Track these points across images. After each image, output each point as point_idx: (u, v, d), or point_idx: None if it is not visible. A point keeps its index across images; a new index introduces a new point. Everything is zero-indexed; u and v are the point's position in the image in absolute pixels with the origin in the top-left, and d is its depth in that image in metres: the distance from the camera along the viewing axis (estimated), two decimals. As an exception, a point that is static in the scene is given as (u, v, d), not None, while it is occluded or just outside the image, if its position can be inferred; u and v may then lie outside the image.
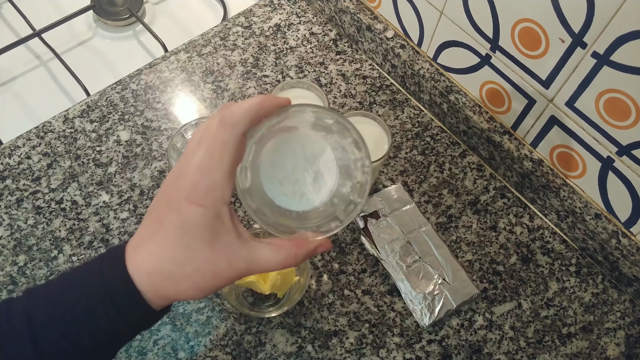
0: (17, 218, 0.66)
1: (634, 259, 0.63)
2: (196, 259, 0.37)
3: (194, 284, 0.37)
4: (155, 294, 0.37)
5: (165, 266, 0.37)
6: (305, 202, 0.42)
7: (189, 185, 0.36)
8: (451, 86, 0.73)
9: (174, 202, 0.37)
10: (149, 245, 0.37)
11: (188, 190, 0.36)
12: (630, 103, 0.54)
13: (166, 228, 0.37)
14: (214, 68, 0.80)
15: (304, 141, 0.42)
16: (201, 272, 0.37)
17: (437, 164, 0.74)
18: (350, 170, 0.42)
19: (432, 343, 0.62)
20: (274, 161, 0.42)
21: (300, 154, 0.42)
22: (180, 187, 0.37)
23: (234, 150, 0.37)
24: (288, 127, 0.42)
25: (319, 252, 0.41)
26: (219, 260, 0.37)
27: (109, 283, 0.37)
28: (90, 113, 0.75)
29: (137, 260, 0.37)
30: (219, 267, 0.37)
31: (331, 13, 0.84)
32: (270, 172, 0.42)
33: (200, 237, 0.36)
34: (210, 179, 0.36)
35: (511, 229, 0.70)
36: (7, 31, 0.86)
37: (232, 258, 0.38)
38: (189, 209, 0.36)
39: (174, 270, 0.37)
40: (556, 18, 0.55)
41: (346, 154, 0.42)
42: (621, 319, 0.65)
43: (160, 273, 0.37)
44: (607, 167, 0.61)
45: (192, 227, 0.36)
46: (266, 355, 0.60)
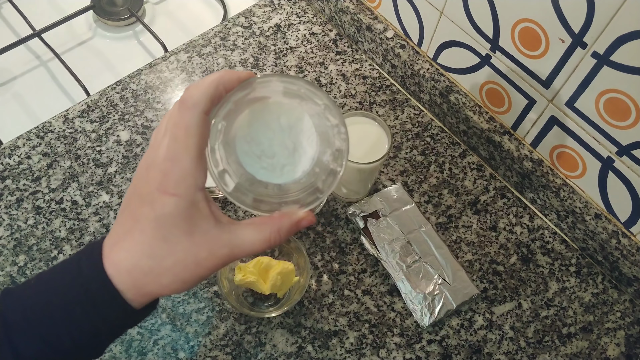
0: (17, 218, 0.66)
1: (634, 259, 0.63)
2: (175, 251, 0.35)
3: (175, 277, 0.36)
4: (137, 291, 0.36)
5: (144, 262, 0.35)
6: (287, 173, 0.40)
7: (159, 175, 0.35)
8: (451, 86, 0.73)
9: (146, 195, 0.35)
10: (126, 243, 0.36)
11: (159, 181, 0.35)
12: (630, 103, 0.54)
13: (141, 223, 0.35)
14: (214, 68, 0.80)
15: (278, 111, 0.40)
16: (182, 264, 0.35)
17: (437, 164, 0.74)
18: (329, 137, 0.40)
19: (432, 343, 0.62)
20: (248, 136, 0.40)
21: (276, 125, 0.40)
22: (151, 178, 0.35)
23: (199, 132, 0.35)
24: (258, 97, 0.39)
25: (304, 226, 0.39)
26: (200, 249, 0.36)
27: (87, 284, 0.35)
28: (90, 113, 0.75)
29: (114, 258, 0.36)
30: (200, 256, 0.36)
31: (331, 13, 0.84)
32: (247, 148, 0.40)
33: (177, 228, 0.35)
34: (180, 166, 0.35)
35: (511, 229, 0.70)
36: (7, 31, 0.86)
37: (213, 245, 0.36)
38: (162, 200, 0.35)
39: (153, 266, 0.35)
40: (556, 18, 0.55)
41: (323, 121, 0.39)
42: (621, 319, 0.65)
43: (140, 270, 0.35)
44: (607, 167, 0.61)
45: (167, 219, 0.35)
46: (266, 355, 0.60)
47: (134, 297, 0.36)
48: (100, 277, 0.35)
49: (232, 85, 0.37)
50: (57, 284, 0.37)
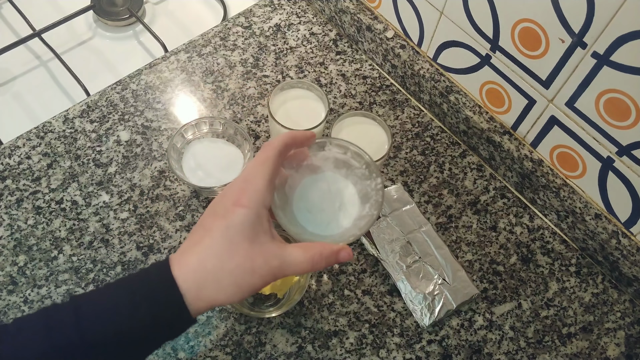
0: (17, 218, 0.66)
1: (634, 259, 0.63)
2: (238, 254, 0.41)
3: (234, 279, 0.41)
4: (197, 293, 0.40)
5: (209, 261, 0.40)
6: (332, 228, 0.49)
7: (237, 192, 0.43)
8: (451, 86, 0.73)
9: (220, 210, 0.42)
10: (195, 249, 0.41)
11: (236, 196, 0.42)
12: (630, 103, 0.54)
13: (212, 231, 0.41)
14: (214, 68, 0.80)
15: (329, 180, 0.51)
16: (241, 268, 0.41)
17: (437, 164, 0.74)
18: (368, 194, 0.49)
19: (432, 343, 0.62)
20: (305, 196, 0.50)
21: (326, 189, 0.50)
22: (228, 196, 0.43)
23: (273, 164, 0.44)
24: (314, 167, 0.50)
25: (342, 258, 0.45)
26: (257, 256, 0.41)
27: (154, 284, 0.40)
28: (90, 113, 0.75)
29: (181, 262, 0.41)
30: (256, 263, 0.41)
31: (331, 13, 0.84)
32: (302, 205, 0.49)
33: (242, 235, 0.41)
34: (255, 185, 0.43)
35: (511, 229, 0.70)
36: (7, 31, 0.86)
37: (268, 255, 0.42)
38: (235, 211, 0.41)
39: (217, 266, 0.40)
40: (556, 18, 0.55)
41: (364, 183, 0.50)
42: (621, 319, 0.65)
43: (204, 268, 0.40)
44: (607, 167, 0.61)
45: (236, 226, 0.41)
46: (266, 355, 0.60)
47: (193, 300, 0.40)
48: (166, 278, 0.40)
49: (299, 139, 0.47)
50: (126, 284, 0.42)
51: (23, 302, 0.61)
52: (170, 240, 0.66)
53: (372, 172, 0.49)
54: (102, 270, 0.64)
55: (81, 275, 0.63)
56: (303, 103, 0.66)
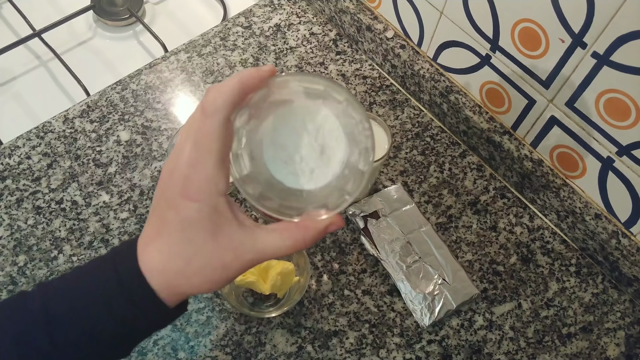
0: (17, 218, 0.66)
1: (634, 259, 0.63)
2: (202, 254, 0.36)
3: (205, 277, 0.37)
4: (169, 291, 0.37)
5: (174, 263, 0.36)
6: (317, 178, 0.39)
7: (181, 180, 0.36)
8: (451, 86, 0.73)
9: (170, 199, 0.36)
10: (157, 243, 0.37)
11: (181, 186, 0.36)
12: (630, 103, 0.54)
13: (168, 226, 0.36)
14: (214, 68, 0.80)
15: (302, 113, 0.39)
16: (210, 267, 0.36)
17: (437, 164, 0.74)
18: (355, 136, 0.38)
19: (432, 343, 0.62)
20: (274, 140, 0.39)
21: (301, 128, 0.39)
22: (174, 183, 0.36)
23: (220, 138, 0.35)
24: (281, 100, 0.38)
25: (331, 231, 0.38)
26: (225, 253, 0.36)
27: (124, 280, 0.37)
28: (90, 113, 0.75)
29: (146, 258, 0.37)
30: (226, 260, 0.36)
31: (331, 13, 0.84)
32: (273, 153, 0.39)
33: (202, 231, 0.36)
34: (201, 172, 0.35)
35: (511, 229, 0.70)
36: (7, 31, 0.86)
37: (238, 250, 0.37)
38: (185, 205, 0.35)
39: (183, 267, 0.36)
40: (556, 18, 0.55)
41: (348, 119, 0.38)
42: (621, 319, 0.65)
43: (171, 270, 0.36)
44: (607, 167, 0.61)
45: (190, 223, 0.36)
46: (266, 355, 0.60)
47: (167, 296, 0.37)
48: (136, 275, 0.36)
49: (254, 86, 0.37)
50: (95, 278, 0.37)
51: None
52: (170, 240, 0.66)
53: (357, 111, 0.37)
54: (102, 270, 0.64)
55: (81, 275, 0.63)
56: None
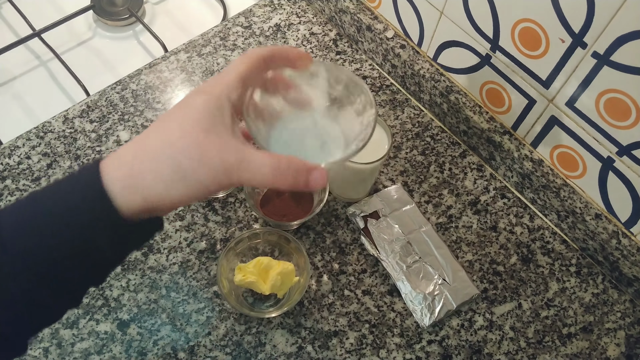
0: (17, 218, 0.66)
1: (634, 259, 0.63)
2: (185, 138, 0.35)
3: (177, 166, 0.35)
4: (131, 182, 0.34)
5: (151, 143, 0.35)
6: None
7: (204, 84, 0.38)
8: (451, 86, 0.73)
9: (183, 101, 0.38)
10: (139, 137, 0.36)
11: (202, 87, 0.38)
12: (630, 103, 0.54)
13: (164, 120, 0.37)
14: (214, 68, 0.80)
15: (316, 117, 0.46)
16: (188, 153, 0.35)
17: (437, 164, 0.74)
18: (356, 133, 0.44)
19: (432, 343, 0.62)
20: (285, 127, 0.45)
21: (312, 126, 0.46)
22: (196, 89, 0.38)
23: (251, 64, 0.40)
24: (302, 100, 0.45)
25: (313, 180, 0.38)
26: (209, 146, 0.35)
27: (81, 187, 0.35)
28: (90, 113, 0.75)
29: (119, 151, 0.36)
30: (207, 153, 0.35)
31: (331, 13, 0.84)
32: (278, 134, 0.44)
33: (196, 121, 0.36)
34: (223, 77, 0.39)
35: (511, 229, 0.70)
36: (7, 31, 0.86)
37: (223, 148, 0.36)
38: (195, 97, 0.37)
39: (157, 146, 0.35)
40: (556, 18, 0.55)
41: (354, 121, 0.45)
42: (621, 319, 0.65)
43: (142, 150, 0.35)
44: (608, 167, 0.61)
45: (191, 111, 0.36)
46: (266, 355, 0.60)
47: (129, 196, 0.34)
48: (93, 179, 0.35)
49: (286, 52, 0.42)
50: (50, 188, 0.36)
51: None
52: (170, 240, 0.66)
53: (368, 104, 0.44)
54: (102, 271, 0.64)
55: (81, 275, 0.63)
56: None
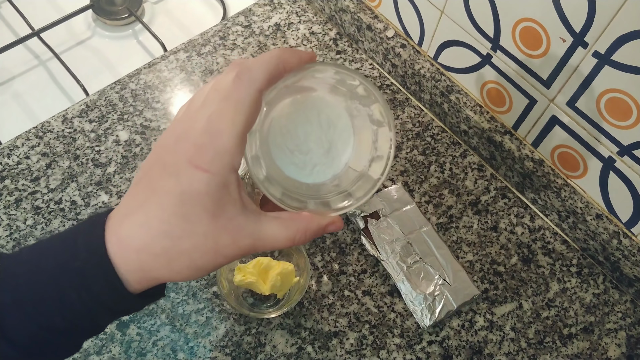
0: (16, 218, 0.66)
1: (635, 259, 0.62)
2: (195, 233, 0.32)
3: (190, 262, 0.32)
4: (143, 275, 0.32)
5: (157, 242, 0.31)
6: (317, 174, 0.39)
7: (193, 148, 0.31)
8: (452, 86, 0.73)
9: (171, 166, 0.32)
10: (138, 216, 0.32)
11: (192, 153, 0.31)
12: (631, 103, 0.54)
13: (160, 196, 0.31)
14: (214, 67, 0.79)
15: (320, 106, 0.38)
16: (201, 249, 0.32)
17: (437, 164, 0.74)
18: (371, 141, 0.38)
19: (432, 344, 0.62)
20: (285, 127, 0.37)
21: (315, 120, 0.38)
22: (181, 150, 0.32)
23: (250, 110, 0.32)
24: (303, 87, 0.37)
25: (330, 231, 0.36)
26: (222, 235, 0.32)
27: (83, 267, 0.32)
28: (89, 113, 0.74)
29: (121, 234, 0.32)
30: (221, 243, 0.32)
31: (331, 12, 0.83)
32: (281, 140, 0.37)
33: (202, 208, 0.31)
34: (220, 142, 0.31)
35: (512, 230, 0.70)
36: (6, 31, 0.86)
37: (237, 234, 0.33)
38: (191, 174, 0.31)
39: (168, 247, 0.31)
40: (557, 17, 0.55)
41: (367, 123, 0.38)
42: (622, 319, 0.65)
43: (151, 250, 0.32)
44: (609, 167, 0.61)
45: (193, 196, 0.31)
46: (266, 356, 0.60)
47: (138, 281, 0.33)
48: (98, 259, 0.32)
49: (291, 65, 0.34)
50: (50, 263, 0.33)
51: None
52: (170, 240, 0.66)
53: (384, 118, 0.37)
54: (101, 271, 0.63)
55: (80, 275, 0.63)
56: None
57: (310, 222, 0.36)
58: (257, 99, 0.32)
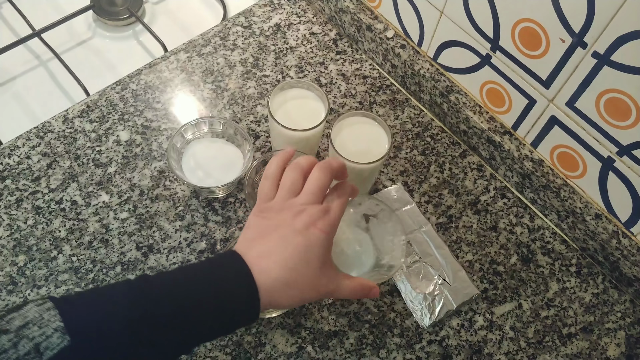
0: (17, 218, 0.66)
1: (634, 259, 0.63)
2: (310, 273, 0.46)
3: (300, 293, 0.46)
4: (270, 297, 0.44)
5: (288, 275, 0.45)
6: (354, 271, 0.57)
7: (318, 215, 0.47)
8: (451, 86, 0.73)
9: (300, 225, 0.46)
10: (276, 257, 0.45)
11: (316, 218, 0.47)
12: (630, 103, 0.54)
13: (291, 247, 0.46)
14: (214, 68, 0.80)
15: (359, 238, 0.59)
16: (310, 285, 0.46)
17: (437, 164, 0.74)
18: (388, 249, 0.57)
19: (432, 343, 0.62)
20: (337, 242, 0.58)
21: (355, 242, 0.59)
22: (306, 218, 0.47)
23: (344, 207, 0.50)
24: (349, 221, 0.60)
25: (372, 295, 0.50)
26: (322, 277, 0.47)
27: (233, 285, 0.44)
28: (90, 113, 0.74)
29: (262, 266, 0.45)
30: (321, 282, 0.47)
31: (331, 13, 0.83)
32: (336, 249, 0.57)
33: (317, 257, 0.46)
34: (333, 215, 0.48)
35: (511, 229, 0.70)
36: (6, 31, 0.86)
37: (329, 279, 0.47)
38: (316, 234, 0.46)
39: (292, 279, 0.45)
40: (556, 18, 0.55)
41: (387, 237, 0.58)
42: (621, 319, 0.65)
43: (282, 279, 0.44)
44: (608, 167, 0.61)
45: (313, 247, 0.46)
46: (266, 355, 0.60)
47: (264, 302, 0.44)
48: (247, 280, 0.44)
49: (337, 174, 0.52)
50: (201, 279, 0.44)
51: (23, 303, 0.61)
52: (170, 240, 0.66)
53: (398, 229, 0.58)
54: (102, 271, 0.64)
55: (81, 275, 0.63)
56: (303, 103, 0.66)
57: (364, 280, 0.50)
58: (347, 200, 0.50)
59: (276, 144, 0.70)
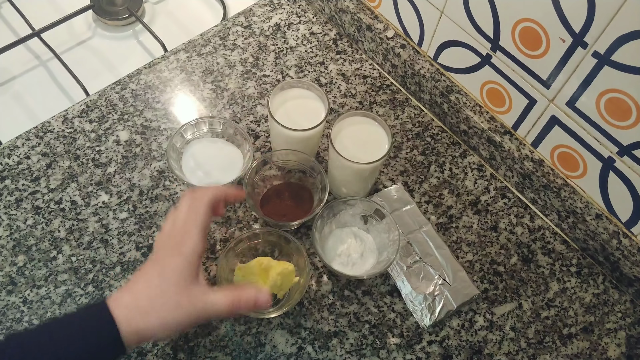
0: (16, 218, 0.66)
1: (634, 259, 0.62)
2: (164, 296, 0.48)
3: (160, 317, 0.47)
4: (128, 324, 0.46)
5: (141, 302, 0.47)
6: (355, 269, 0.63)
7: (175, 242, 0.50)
8: (451, 86, 0.73)
9: (161, 259, 0.50)
10: (132, 288, 0.48)
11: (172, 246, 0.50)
12: (631, 103, 0.54)
13: (148, 276, 0.49)
14: (214, 68, 0.79)
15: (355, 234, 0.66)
16: (168, 305, 0.47)
17: (437, 164, 0.74)
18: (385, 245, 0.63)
19: (432, 344, 0.62)
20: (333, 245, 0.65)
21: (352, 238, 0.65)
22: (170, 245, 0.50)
23: (205, 216, 0.52)
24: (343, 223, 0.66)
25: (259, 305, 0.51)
26: (182, 296, 0.48)
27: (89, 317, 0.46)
28: (90, 113, 0.74)
29: (117, 297, 0.47)
30: (181, 302, 0.48)
31: (331, 13, 0.83)
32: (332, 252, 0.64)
33: (171, 281, 0.48)
34: (191, 236, 0.50)
35: (512, 230, 0.70)
36: (6, 31, 0.86)
37: (192, 297, 0.48)
38: (170, 259, 0.49)
39: (147, 305, 0.47)
40: (557, 18, 0.55)
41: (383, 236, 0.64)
42: (622, 319, 0.65)
43: (136, 307, 0.47)
44: (608, 167, 0.61)
45: (168, 272, 0.48)
46: (266, 356, 0.60)
47: (125, 329, 0.45)
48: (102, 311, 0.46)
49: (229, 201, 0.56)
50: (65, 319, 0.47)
51: (22, 303, 0.61)
52: (170, 240, 0.66)
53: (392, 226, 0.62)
54: (102, 271, 0.63)
55: (80, 275, 0.63)
56: (303, 103, 0.66)
57: (244, 292, 0.51)
58: (209, 211, 0.52)
59: (276, 144, 0.70)
